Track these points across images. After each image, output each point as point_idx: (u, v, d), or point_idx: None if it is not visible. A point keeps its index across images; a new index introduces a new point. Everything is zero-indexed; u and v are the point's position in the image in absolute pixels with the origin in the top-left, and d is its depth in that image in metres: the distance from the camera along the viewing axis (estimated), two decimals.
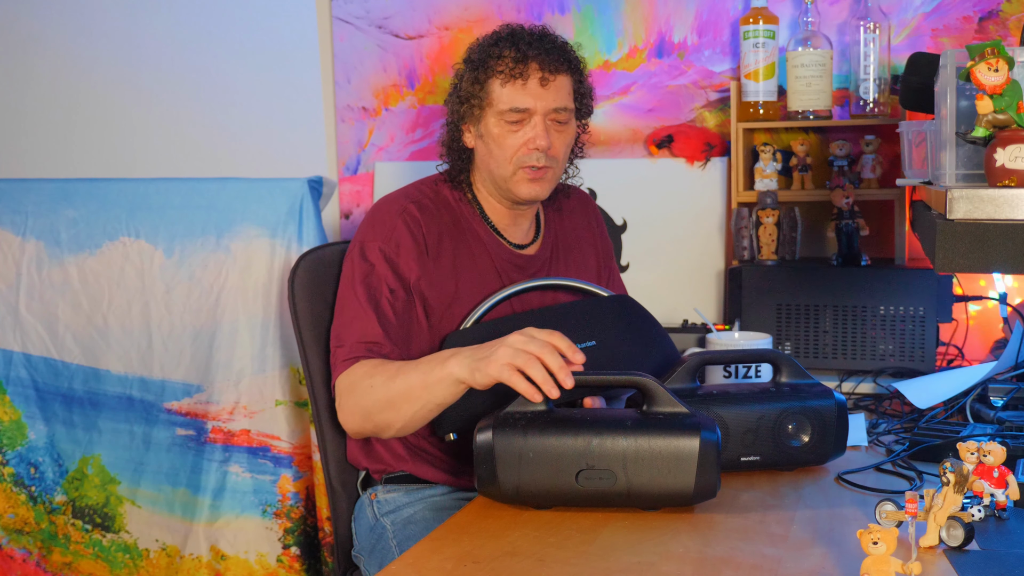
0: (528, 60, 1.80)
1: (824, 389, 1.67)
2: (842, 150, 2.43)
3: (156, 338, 2.62)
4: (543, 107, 1.80)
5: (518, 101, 1.80)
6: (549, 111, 1.81)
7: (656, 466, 1.46)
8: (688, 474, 1.45)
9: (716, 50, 2.61)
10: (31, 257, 2.67)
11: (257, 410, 2.56)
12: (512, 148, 1.81)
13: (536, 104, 1.80)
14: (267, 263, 2.54)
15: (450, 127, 1.90)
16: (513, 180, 1.83)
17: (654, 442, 1.46)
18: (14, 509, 2.72)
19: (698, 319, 2.48)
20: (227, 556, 2.58)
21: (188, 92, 2.94)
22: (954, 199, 1.16)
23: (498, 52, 1.82)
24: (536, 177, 1.83)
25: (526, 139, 1.81)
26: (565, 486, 1.47)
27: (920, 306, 2.27)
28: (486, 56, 1.83)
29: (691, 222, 2.64)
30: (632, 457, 1.46)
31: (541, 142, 1.80)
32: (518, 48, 1.80)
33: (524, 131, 1.81)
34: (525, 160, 1.81)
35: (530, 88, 1.80)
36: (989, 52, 1.18)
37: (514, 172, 1.83)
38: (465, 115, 1.85)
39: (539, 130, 1.80)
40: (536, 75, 1.80)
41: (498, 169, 1.84)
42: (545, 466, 1.48)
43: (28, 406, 2.70)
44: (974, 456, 1.37)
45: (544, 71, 1.80)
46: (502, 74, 1.80)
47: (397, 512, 1.85)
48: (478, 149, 1.87)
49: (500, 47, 1.82)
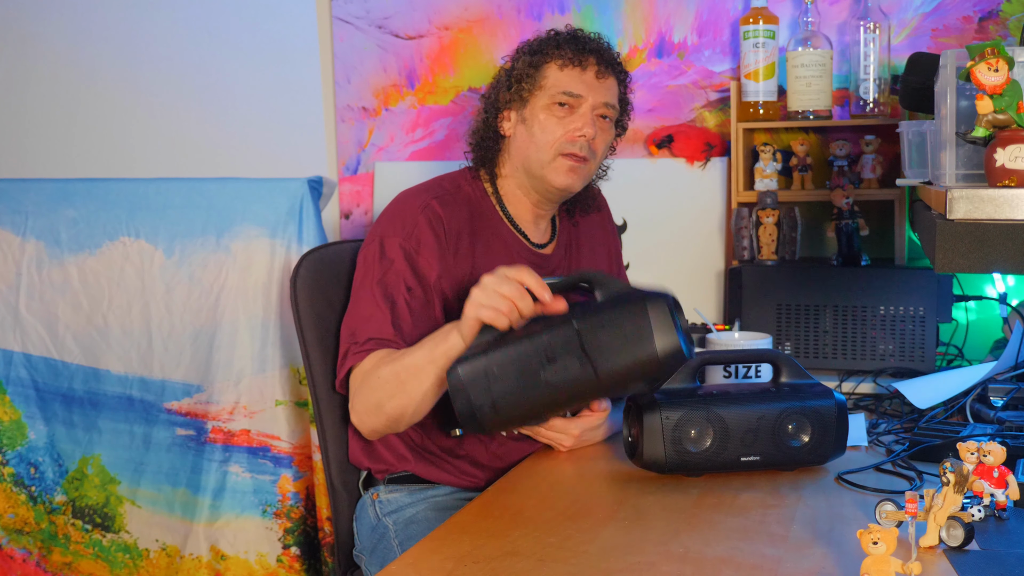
0: (588, 52, 1.85)
1: (824, 389, 1.67)
2: (842, 150, 2.43)
3: (156, 338, 2.62)
4: (595, 98, 1.85)
5: (574, 86, 1.83)
6: (599, 104, 1.85)
7: (614, 342, 1.46)
8: (647, 339, 1.45)
9: (716, 50, 2.61)
10: (31, 257, 2.67)
11: (257, 410, 2.56)
12: (556, 134, 1.84)
13: (589, 93, 1.84)
14: (267, 263, 2.54)
15: (486, 115, 1.92)
16: (551, 166, 1.85)
17: (604, 318, 1.48)
18: (14, 509, 2.72)
19: (698, 319, 2.48)
20: (227, 556, 2.58)
21: (188, 92, 2.94)
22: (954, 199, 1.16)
23: (557, 42, 1.87)
24: (576, 165, 1.85)
25: (573, 127, 1.84)
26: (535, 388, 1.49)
27: (920, 306, 2.27)
28: (544, 45, 1.87)
29: (691, 222, 2.64)
30: (588, 339, 1.46)
31: (588, 130, 1.83)
32: (578, 41, 1.86)
33: (572, 119, 1.84)
34: (568, 147, 1.84)
35: (587, 77, 1.84)
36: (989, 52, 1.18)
37: (553, 158, 1.84)
38: (511, 100, 1.87)
39: (587, 119, 1.84)
40: (593, 67, 1.85)
41: (537, 154, 1.85)
42: (511, 375, 1.50)
43: (28, 406, 2.70)
44: (974, 456, 1.37)
45: (600, 65, 1.85)
46: (562, 58, 1.84)
47: (399, 512, 1.85)
48: (517, 135, 1.88)
49: (560, 38, 1.88)
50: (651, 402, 1.60)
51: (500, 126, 1.90)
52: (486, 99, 1.93)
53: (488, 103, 1.92)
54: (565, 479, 1.68)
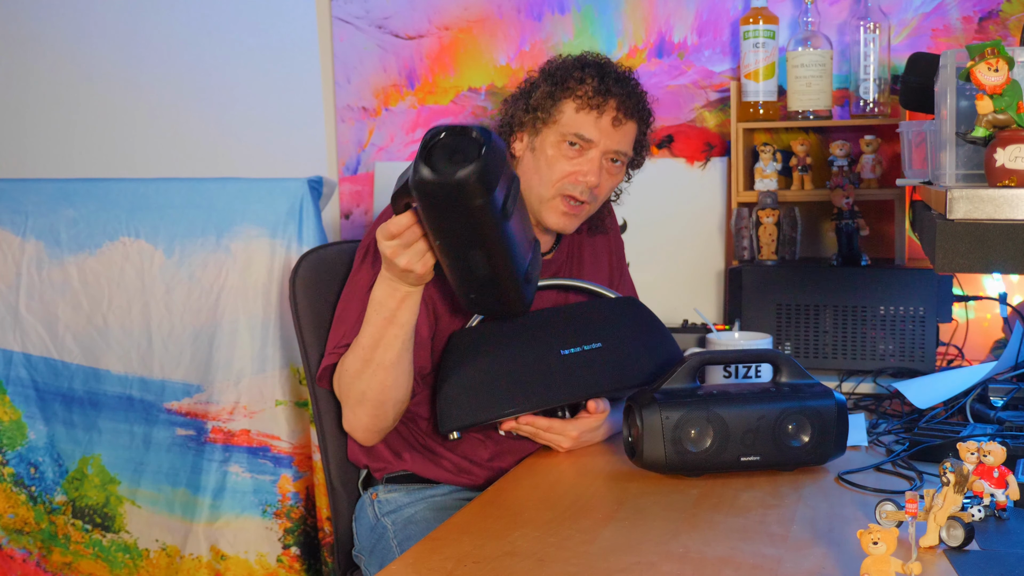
0: (610, 96, 1.79)
1: (824, 389, 1.67)
2: (842, 150, 2.43)
3: (156, 338, 2.62)
4: (606, 145, 1.80)
5: (586, 131, 1.79)
6: (610, 151, 1.81)
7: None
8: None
9: (716, 50, 2.61)
10: (31, 257, 2.67)
11: (257, 410, 2.56)
12: (561, 173, 1.80)
13: (601, 140, 1.79)
14: (267, 263, 2.54)
15: (503, 128, 1.88)
16: (549, 204, 1.82)
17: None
18: (14, 509, 2.72)
19: (698, 319, 2.48)
20: (227, 556, 2.58)
21: (188, 92, 2.94)
22: (954, 199, 1.16)
23: (581, 76, 1.80)
24: (571, 212, 1.82)
25: (578, 169, 1.80)
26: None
27: (920, 306, 2.27)
28: (568, 76, 1.81)
29: (691, 222, 2.64)
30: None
31: (592, 178, 1.79)
32: (603, 81, 1.79)
33: (579, 161, 1.80)
34: (569, 189, 1.80)
35: (603, 123, 1.79)
36: (989, 52, 1.17)
37: (552, 197, 1.81)
38: (525, 124, 1.83)
39: (594, 165, 1.80)
40: (611, 113, 1.79)
41: (539, 187, 1.82)
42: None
43: (28, 406, 2.70)
44: (974, 456, 1.37)
45: (619, 112, 1.80)
46: (580, 99, 1.79)
47: (398, 512, 1.85)
48: (524, 161, 1.85)
49: (585, 72, 1.81)
50: (651, 402, 1.60)
51: (512, 145, 1.87)
52: (505, 112, 1.89)
53: (505, 117, 1.88)
54: (565, 479, 1.68)
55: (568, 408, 1.79)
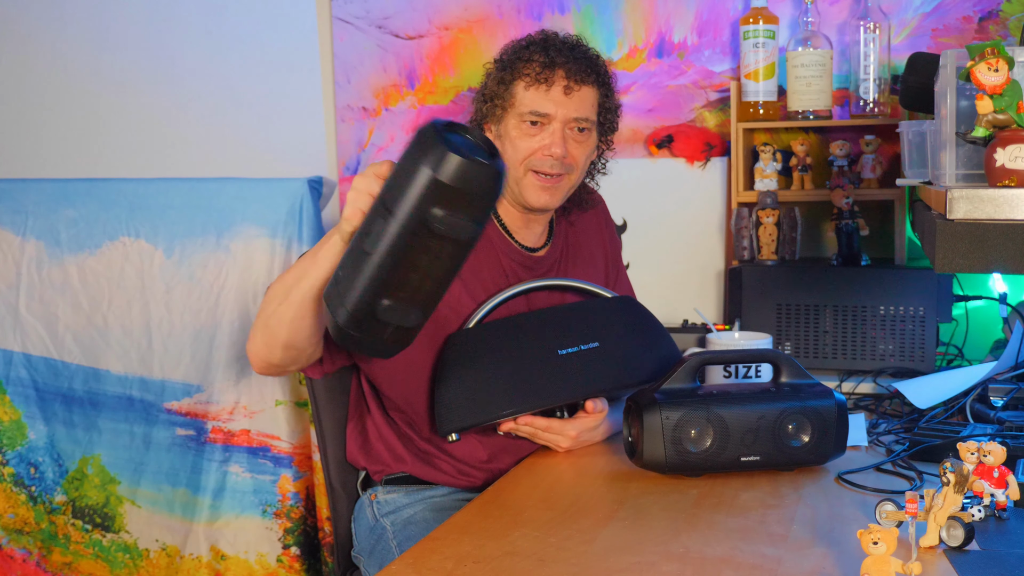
0: (555, 67, 1.80)
1: (824, 389, 1.67)
2: (842, 150, 2.43)
3: (156, 338, 2.62)
4: (563, 115, 1.81)
5: (539, 106, 1.80)
6: (569, 120, 1.81)
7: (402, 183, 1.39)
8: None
9: (716, 50, 2.61)
10: (31, 257, 2.67)
11: (257, 410, 2.57)
12: (526, 151, 1.81)
13: (557, 111, 1.80)
14: (267, 263, 2.54)
15: (472, 124, 1.89)
16: (523, 184, 1.83)
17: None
18: (14, 509, 2.72)
19: (698, 319, 2.48)
20: (227, 556, 2.58)
21: (188, 92, 2.94)
22: (954, 199, 1.16)
23: (527, 55, 1.82)
24: (548, 184, 1.83)
25: (542, 144, 1.81)
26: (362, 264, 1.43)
27: (920, 306, 2.27)
28: (515, 58, 1.83)
29: (691, 222, 2.64)
30: (385, 195, 1.43)
31: (556, 149, 1.80)
32: (547, 54, 1.81)
33: (541, 136, 1.81)
34: (537, 164, 1.81)
35: (553, 95, 1.80)
36: (989, 52, 1.18)
37: (524, 174, 1.82)
38: (488, 114, 1.86)
39: (556, 137, 1.80)
40: (561, 83, 1.80)
41: (512, 171, 1.83)
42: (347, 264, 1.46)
43: (28, 406, 2.70)
44: (974, 456, 1.37)
45: (569, 80, 1.80)
46: (527, 77, 1.81)
47: (397, 513, 1.85)
48: None
49: (530, 51, 1.83)
50: (651, 402, 1.60)
51: None
52: (474, 108, 1.91)
53: (475, 111, 1.90)
54: (565, 479, 1.68)
55: (566, 408, 1.79)
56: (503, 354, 1.74)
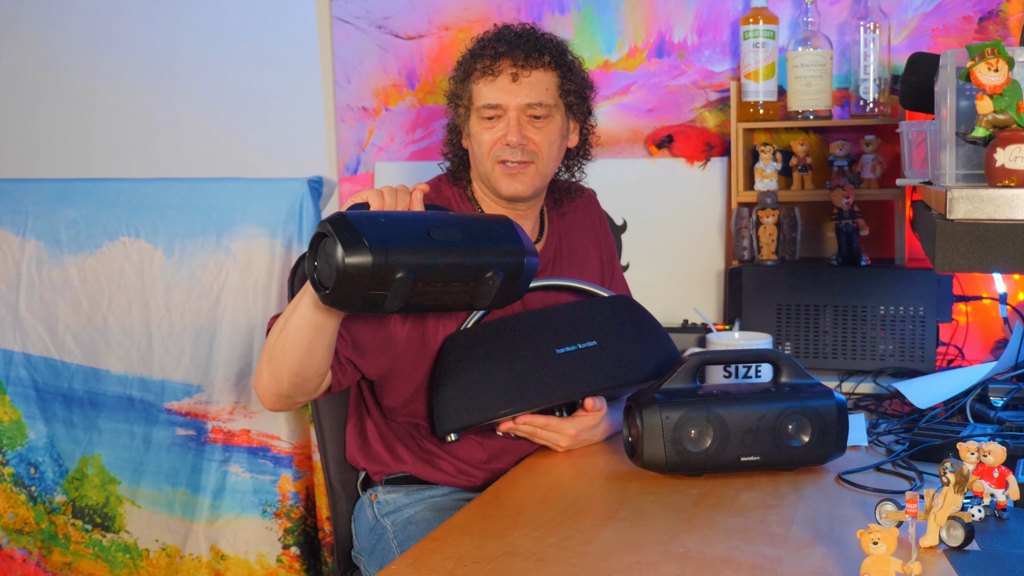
0: (500, 57, 1.82)
1: (824, 389, 1.67)
2: (842, 150, 2.43)
3: (156, 338, 2.62)
4: (515, 103, 1.81)
5: (489, 97, 1.82)
6: (522, 107, 1.82)
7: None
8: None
9: (716, 50, 2.61)
10: (31, 257, 2.67)
11: (257, 410, 2.57)
12: (487, 144, 1.83)
13: (507, 100, 1.81)
14: (267, 263, 2.54)
15: (449, 130, 1.93)
16: (493, 176, 1.84)
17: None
18: (14, 509, 2.72)
19: (698, 319, 2.48)
20: (227, 556, 2.58)
21: (188, 92, 2.95)
22: (954, 199, 1.15)
23: (479, 51, 1.85)
24: (513, 172, 1.83)
25: (499, 135, 1.82)
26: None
27: (920, 306, 2.27)
28: (469, 56, 1.86)
29: (691, 222, 2.64)
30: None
31: (512, 137, 1.81)
32: (494, 46, 1.83)
33: (498, 127, 1.82)
34: (500, 155, 1.82)
35: (500, 83, 1.81)
36: (989, 52, 1.17)
37: (492, 167, 1.84)
38: (457, 117, 1.88)
39: (512, 126, 1.81)
40: (508, 71, 1.81)
41: (480, 166, 1.85)
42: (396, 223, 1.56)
43: (28, 406, 2.70)
44: (974, 456, 1.37)
45: (516, 67, 1.81)
46: (477, 71, 1.83)
47: (397, 513, 1.85)
48: (470, 150, 1.88)
49: (482, 45, 1.85)
50: (651, 402, 1.60)
51: (462, 141, 1.91)
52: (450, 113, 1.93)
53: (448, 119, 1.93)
54: (565, 479, 1.68)
55: (565, 407, 1.79)
56: (501, 354, 1.74)
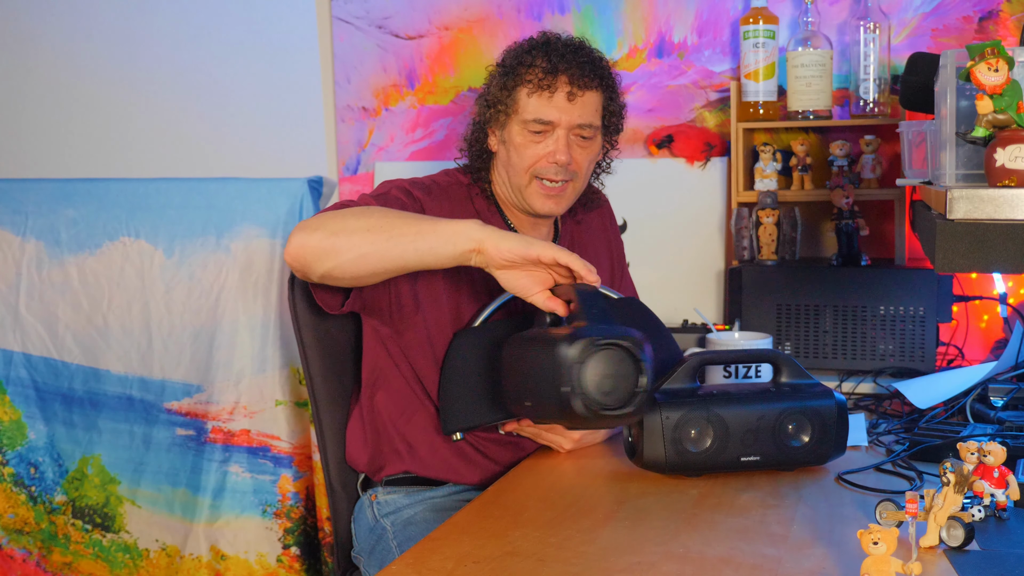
0: (558, 73, 1.77)
1: (824, 389, 1.67)
2: (842, 150, 2.43)
3: (156, 338, 2.62)
4: (567, 121, 1.78)
5: (543, 113, 1.77)
6: (573, 126, 1.78)
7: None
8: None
9: (716, 50, 2.61)
10: (31, 257, 2.67)
11: (257, 410, 2.57)
12: (531, 158, 1.79)
13: (561, 118, 1.77)
14: (267, 263, 2.54)
15: (476, 127, 1.87)
16: (528, 191, 1.81)
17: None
18: (14, 509, 2.72)
19: (698, 319, 2.48)
20: (227, 556, 2.58)
21: (188, 92, 2.95)
22: (954, 199, 1.16)
23: (530, 60, 1.78)
24: (552, 193, 1.80)
25: (547, 151, 1.78)
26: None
27: (920, 306, 2.27)
28: (517, 63, 1.80)
29: (691, 222, 2.64)
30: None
31: (561, 156, 1.77)
32: (549, 59, 1.77)
33: (545, 143, 1.78)
34: (542, 172, 1.79)
35: (556, 101, 1.77)
36: (989, 52, 1.17)
37: (529, 182, 1.80)
38: (491, 119, 1.82)
39: (560, 144, 1.77)
40: (564, 89, 1.77)
41: (515, 177, 1.81)
42: None
43: (28, 406, 2.70)
44: (974, 456, 1.37)
45: (573, 86, 1.77)
46: (530, 83, 1.77)
47: (397, 513, 1.85)
48: (499, 154, 1.84)
49: (533, 55, 1.79)
50: (651, 402, 1.60)
51: (488, 142, 1.86)
52: (476, 110, 1.88)
53: (478, 113, 1.87)
54: (565, 479, 1.68)
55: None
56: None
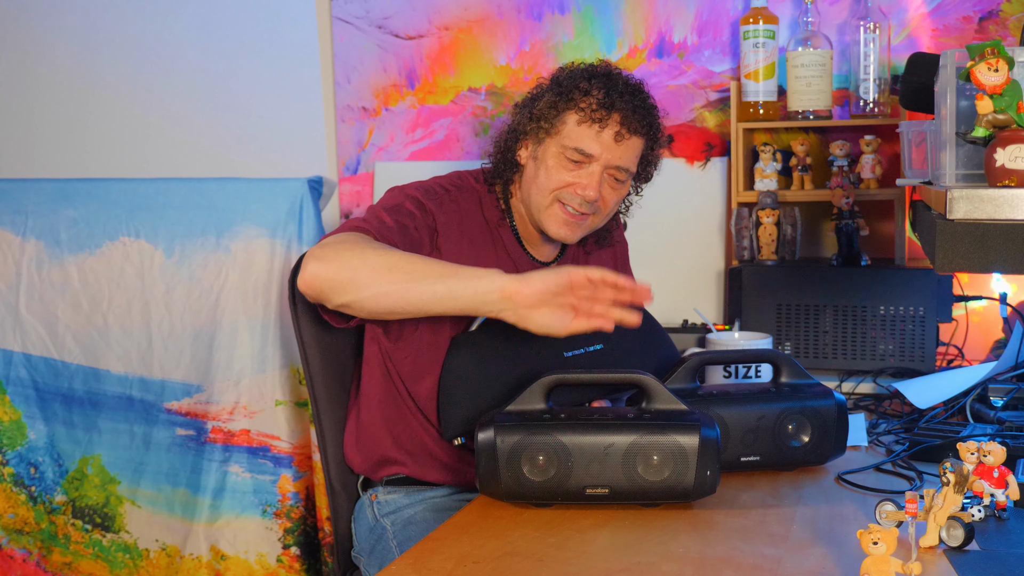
0: (613, 109, 1.74)
1: (824, 389, 1.67)
2: (842, 150, 2.43)
3: (156, 338, 2.62)
4: (607, 160, 1.75)
5: (586, 145, 1.75)
6: (612, 166, 1.76)
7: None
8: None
9: (716, 50, 2.61)
10: (31, 257, 2.67)
11: (257, 410, 2.56)
12: (559, 183, 1.76)
13: (602, 154, 1.75)
14: (267, 263, 2.54)
15: (509, 134, 1.84)
16: (547, 212, 1.78)
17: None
18: (14, 509, 2.72)
19: (698, 319, 2.48)
20: (227, 556, 2.58)
21: (188, 92, 2.95)
22: (954, 199, 1.16)
23: (587, 88, 1.76)
24: (571, 219, 1.78)
25: (577, 181, 1.76)
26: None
27: (920, 306, 2.27)
28: (573, 87, 1.77)
29: (691, 222, 2.64)
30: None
31: (591, 193, 1.75)
32: (608, 94, 1.74)
33: (578, 173, 1.76)
34: (567, 199, 1.76)
35: (603, 138, 1.75)
36: (989, 52, 1.18)
37: (550, 204, 1.78)
38: (529, 132, 1.80)
39: (594, 180, 1.75)
40: (614, 127, 1.74)
41: (537, 196, 1.79)
42: None
43: (28, 406, 2.70)
44: (974, 456, 1.37)
45: (623, 126, 1.75)
46: (582, 112, 1.74)
47: (397, 513, 1.85)
48: (527, 168, 1.82)
49: (591, 84, 1.76)
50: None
51: (518, 152, 1.83)
52: (514, 117, 1.84)
53: (512, 123, 1.84)
54: None
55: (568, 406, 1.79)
56: (509, 356, 1.73)
